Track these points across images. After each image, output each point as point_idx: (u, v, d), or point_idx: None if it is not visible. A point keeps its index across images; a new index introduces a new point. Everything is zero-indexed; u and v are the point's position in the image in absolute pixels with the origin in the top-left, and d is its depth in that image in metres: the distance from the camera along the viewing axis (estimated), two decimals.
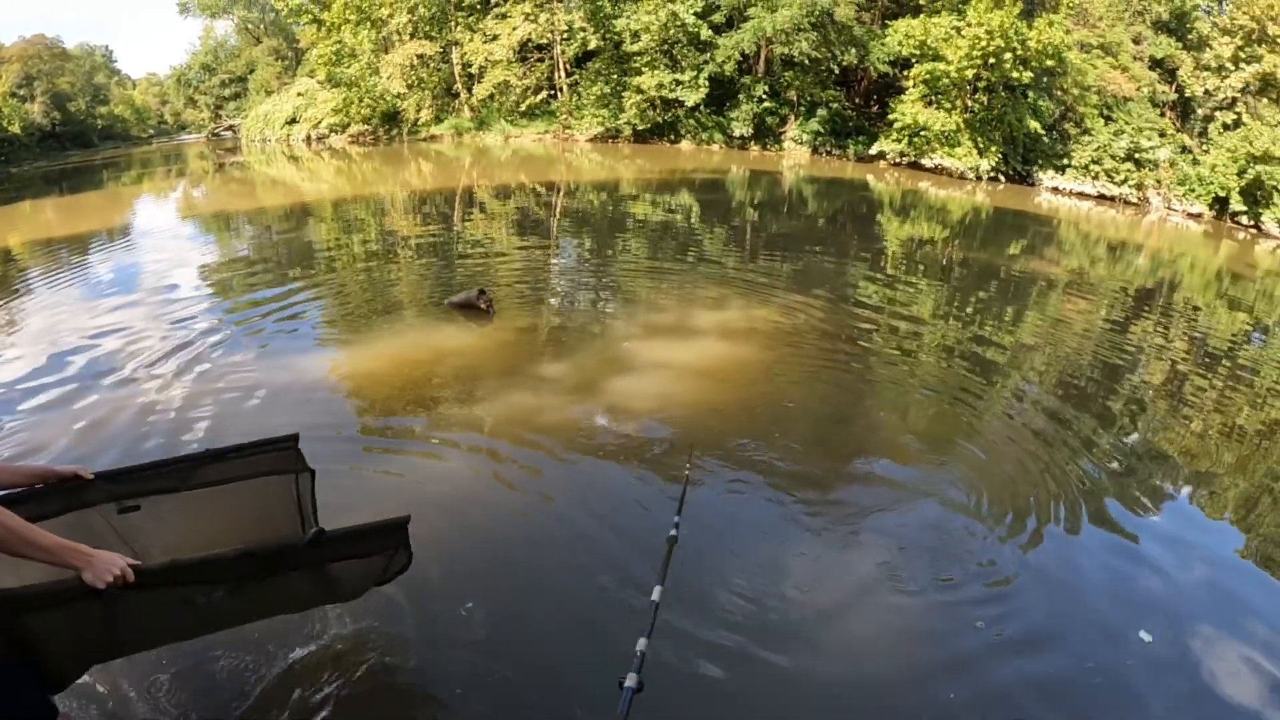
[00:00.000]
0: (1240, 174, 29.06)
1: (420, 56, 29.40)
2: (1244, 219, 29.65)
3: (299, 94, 34.23)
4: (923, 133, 24.95)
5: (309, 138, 32.69)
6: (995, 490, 4.69)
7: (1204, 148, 29.57)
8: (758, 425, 5.10)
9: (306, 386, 5.45)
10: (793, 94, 25.09)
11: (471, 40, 28.77)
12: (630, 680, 2.07)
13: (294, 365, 5.85)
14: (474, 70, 28.64)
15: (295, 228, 13.58)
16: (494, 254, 10.58)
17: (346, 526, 2.21)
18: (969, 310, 10.47)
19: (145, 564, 1.86)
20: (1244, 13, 30.90)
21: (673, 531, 2.82)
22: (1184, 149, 29.51)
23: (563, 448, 4.59)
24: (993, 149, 25.65)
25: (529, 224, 13.77)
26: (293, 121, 33.64)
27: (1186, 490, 5.37)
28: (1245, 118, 29.84)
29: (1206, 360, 10.06)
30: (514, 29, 27.23)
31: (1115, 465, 5.47)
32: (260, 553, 2.08)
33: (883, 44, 25.53)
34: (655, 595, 2.46)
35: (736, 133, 24.91)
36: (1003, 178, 26.42)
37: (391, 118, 30.56)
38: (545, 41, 27.53)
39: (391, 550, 2.37)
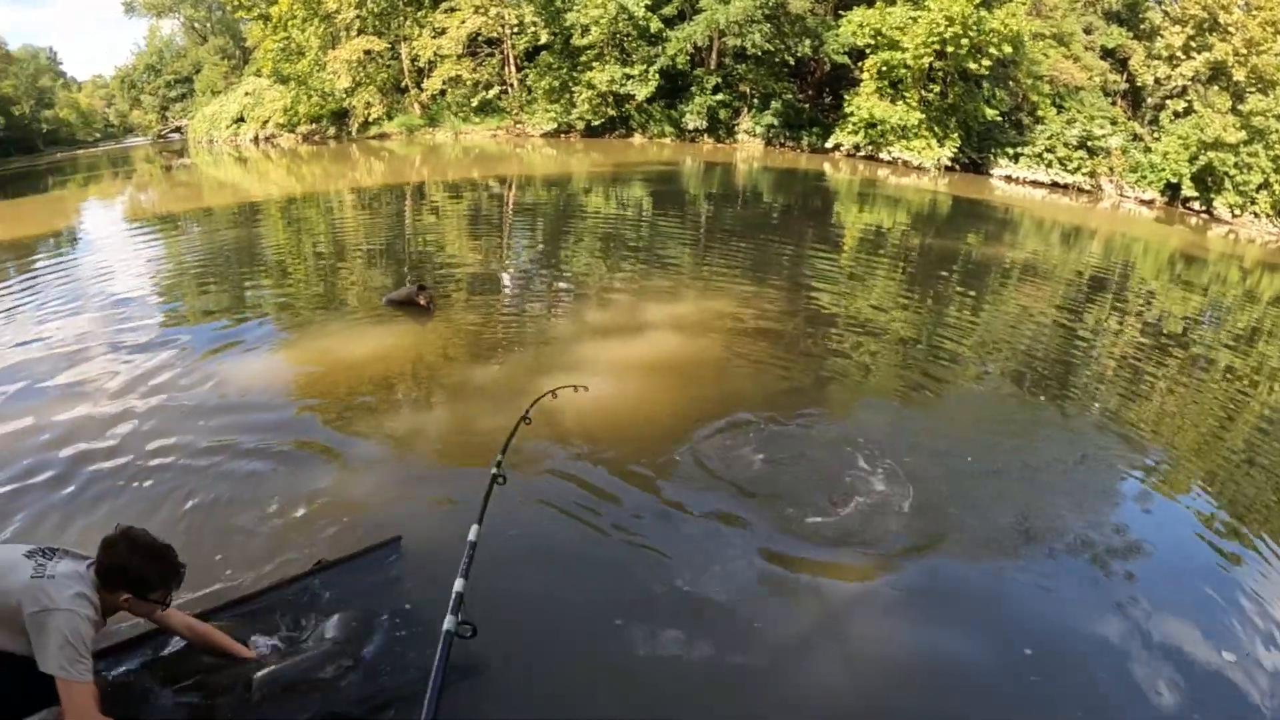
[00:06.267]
0: (1191, 160, 29.16)
1: (368, 52, 28.66)
2: (1196, 204, 29.84)
3: (246, 93, 33.19)
4: (879, 125, 24.77)
5: (257, 138, 31.73)
6: (980, 483, 4.59)
7: (1155, 135, 29.73)
8: (712, 429, 4.78)
9: (259, 392, 5.32)
10: (745, 86, 24.76)
11: (420, 35, 28.09)
12: (448, 623, 2.03)
13: (243, 374, 5.61)
14: (422, 65, 27.95)
15: (243, 231, 13.02)
16: (443, 249, 10.25)
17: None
18: (929, 298, 10.28)
19: None
20: (1195, 2, 31.07)
21: (494, 470, 2.98)
22: (1135, 137, 29.66)
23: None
24: (951, 138, 25.56)
25: (480, 220, 13.45)
26: (240, 121, 32.62)
27: (1151, 479, 5.23)
28: (1196, 105, 29.97)
29: (1163, 343, 9.92)
30: (463, 22, 26.59)
31: (1079, 453, 5.37)
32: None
33: (837, 35, 25.30)
34: (472, 535, 2.51)
35: (689, 126, 24.51)
36: (957, 166, 26.39)
37: (341, 116, 29.78)
38: (495, 35, 26.92)
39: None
